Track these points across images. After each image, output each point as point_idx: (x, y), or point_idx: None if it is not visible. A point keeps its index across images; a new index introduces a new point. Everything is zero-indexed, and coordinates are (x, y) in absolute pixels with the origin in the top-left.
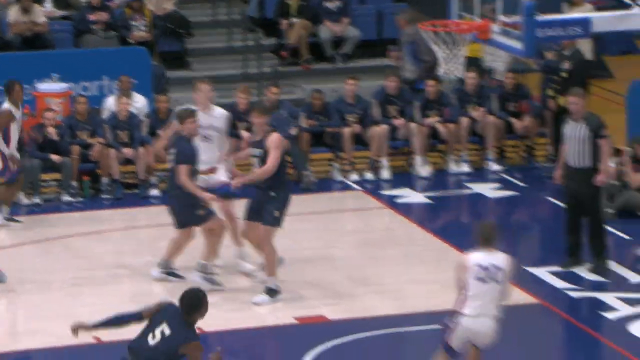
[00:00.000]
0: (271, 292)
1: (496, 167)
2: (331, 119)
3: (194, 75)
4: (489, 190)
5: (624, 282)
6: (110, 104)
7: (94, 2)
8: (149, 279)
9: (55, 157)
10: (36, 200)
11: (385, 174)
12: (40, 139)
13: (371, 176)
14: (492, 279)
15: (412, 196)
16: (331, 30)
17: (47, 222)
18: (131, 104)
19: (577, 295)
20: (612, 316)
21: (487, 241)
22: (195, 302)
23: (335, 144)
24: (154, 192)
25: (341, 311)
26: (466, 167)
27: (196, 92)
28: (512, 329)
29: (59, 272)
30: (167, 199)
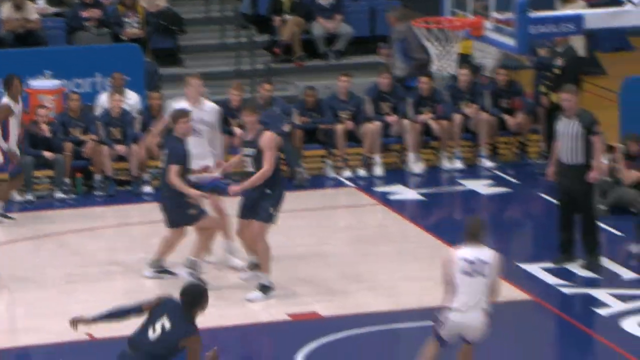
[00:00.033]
0: (264, 288)
1: (489, 163)
2: (324, 115)
3: (186, 72)
4: (482, 186)
5: (616, 278)
6: (103, 100)
7: None
8: (142, 275)
9: (47, 154)
10: (29, 197)
11: (378, 170)
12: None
13: (364, 173)
14: (478, 273)
15: (405, 193)
16: (324, 27)
17: (40, 219)
18: (124, 101)
19: (569, 291)
20: (604, 312)
21: (474, 236)
22: (196, 296)
23: (328, 141)
24: (147, 189)
25: (334, 308)
26: (459, 164)
27: (187, 86)
28: (504, 325)
29: (51, 269)
30: (159, 196)
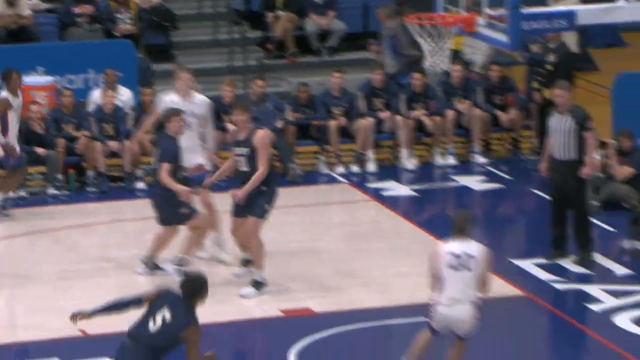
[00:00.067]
0: (257, 284)
1: (482, 159)
2: (317, 111)
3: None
4: (475, 182)
5: (609, 274)
6: (95, 97)
7: None
8: (135, 272)
9: (40, 150)
10: (22, 193)
11: (371, 166)
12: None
13: (357, 169)
14: (464, 267)
15: (398, 189)
16: (317, 23)
17: (33, 215)
18: (117, 97)
19: (562, 287)
20: (597, 308)
21: (461, 230)
22: (196, 287)
23: (321, 137)
24: (140, 185)
25: (327, 304)
26: (452, 160)
27: (176, 79)
28: (497, 321)
29: (44, 265)
30: (152, 193)
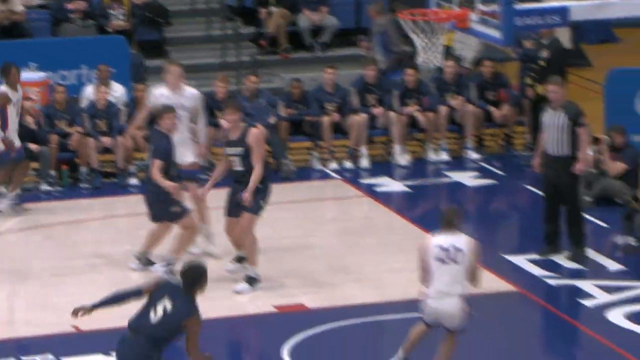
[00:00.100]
0: (251, 280)
1: (475, 155)
2: (310, 107)
3: None
4: (468, 178)
5: (602, 269)
6: (88, 93)
7: None
8: (128, 268)
9: (33, 147)
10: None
11: (364, 162)
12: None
13: (350, 165)
14: (451, 260)
15: (391, 185)
16: (310, 19)
17: (26, 211)
18: (110, 93)
19: (555, 283)
20: (590, 304)
21: (450, 224)
22: (196, 276)
23: (314, 133)
24: (133, 181)
25: (320, 300)
26: (445, 156)
27: (166, 73)
28: (490, 316)
29: (37, 261)
30: (145, 189)
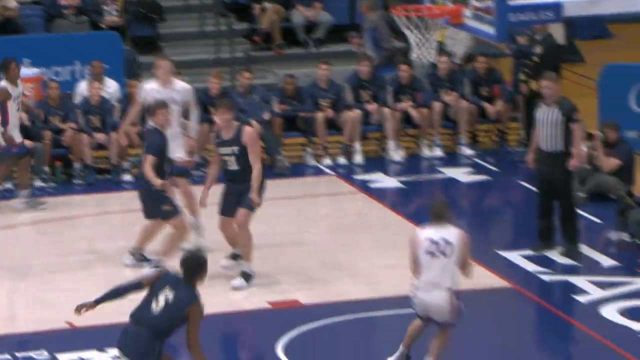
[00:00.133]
0: (246, 276)
1: (469, 151)
2: (304, 103)
3: None
4: (462, 174)
5: (595, 265)
6: (82, 89)
7: None
8: (122, 264)
9: (27, 143)
10: (8, 185)
11: (358, 158)
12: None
13: (344, 161)
14: (441, 253)
15: (385, 181)
16: (303, 15)
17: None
18: (103, 89)
19: (549, 278)
20: (584, 299)
21: (439, 217)
22: (196, 265)
23: (308, 129)
24: (127, 178)
25: (314, 296)
26: (439, 152)
27: (156, 68)
28: (484, 312)
29: (31, 258)
30: (138, 185)
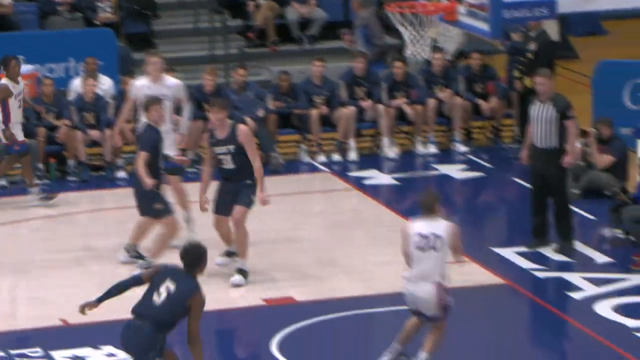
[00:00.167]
0: (242, 273)
1: (463, 148)
2: (298, 100)
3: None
4: (456, 171)
5: (589, 262)
6: (76, 85)
7: None
8: (117, 261)
9: None
10: (2, 182)
11: (352, 155)
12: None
13: (339, 158)
14: (430, 247)
15: (379, 177)
16: (298, 11)
17: (14, 205)
18: (97, 86)
19: (543, 275)
20: (577, 296)
21: (429, 210)
22: (196, 257)
23: (302, 126)
24: (121, 174)
25: (309, 292)
26: (433, 149)
27: (146, 64)
28: (478, 309)
29: (26, 255)
30: (132, 182)
